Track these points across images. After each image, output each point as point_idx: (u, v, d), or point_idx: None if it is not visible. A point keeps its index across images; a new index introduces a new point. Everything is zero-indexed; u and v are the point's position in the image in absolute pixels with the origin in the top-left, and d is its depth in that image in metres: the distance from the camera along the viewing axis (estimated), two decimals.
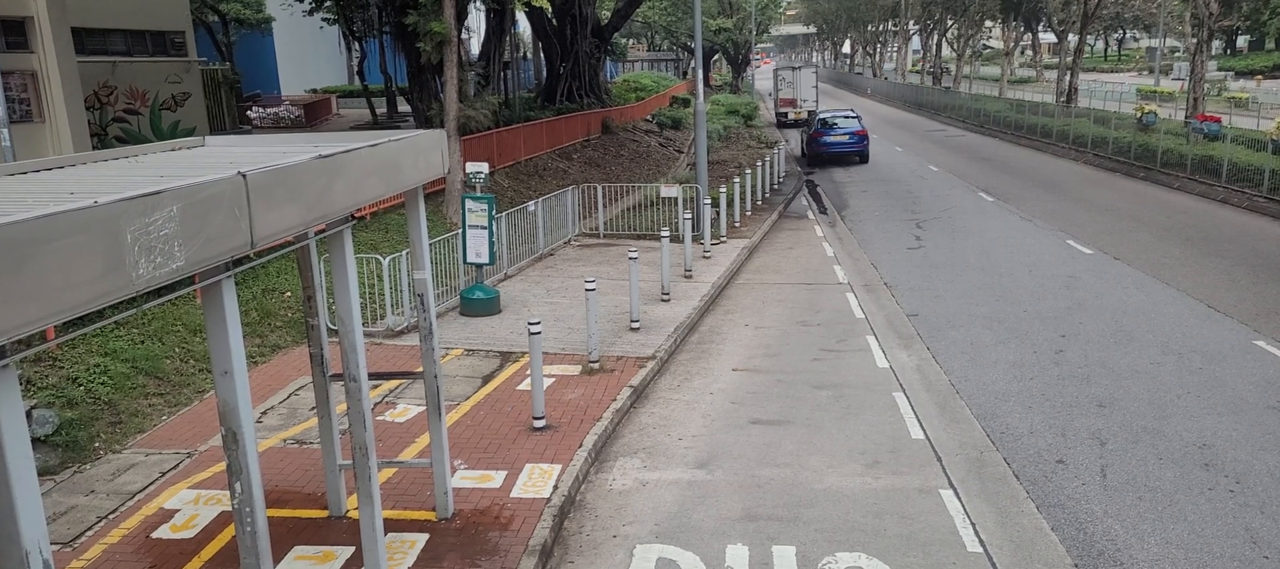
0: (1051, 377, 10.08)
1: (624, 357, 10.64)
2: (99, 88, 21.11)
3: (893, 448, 8.34)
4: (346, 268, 5.18)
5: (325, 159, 4.53)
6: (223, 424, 4.06)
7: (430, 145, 6.11)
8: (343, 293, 5.23)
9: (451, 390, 9.59)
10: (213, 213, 3.60)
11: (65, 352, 8.74)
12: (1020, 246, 17.06)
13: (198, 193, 3.48)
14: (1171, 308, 12.58)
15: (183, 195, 3.39)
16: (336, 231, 5.15)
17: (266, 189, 3.94)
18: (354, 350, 5.25)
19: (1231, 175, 21.20)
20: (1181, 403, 9.18)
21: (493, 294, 12.72)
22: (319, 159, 4.48)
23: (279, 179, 4.05)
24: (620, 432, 8.81)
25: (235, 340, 4.00)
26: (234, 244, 3.74)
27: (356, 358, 5.25)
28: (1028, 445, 8.35)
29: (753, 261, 16.62)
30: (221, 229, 3.66)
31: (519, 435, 8.38)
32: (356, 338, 5.25)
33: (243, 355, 4.09)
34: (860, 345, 11.46)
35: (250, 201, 3.80)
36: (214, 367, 4.04)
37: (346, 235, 5.19)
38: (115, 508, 6.92)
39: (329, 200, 4.64)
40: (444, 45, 15.84)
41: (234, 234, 3.73)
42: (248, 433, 4.02)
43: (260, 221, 3.89)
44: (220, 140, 6.54)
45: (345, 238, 5.18)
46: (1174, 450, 8.10)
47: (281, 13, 41.79)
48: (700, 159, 18.51)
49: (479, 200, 12.33)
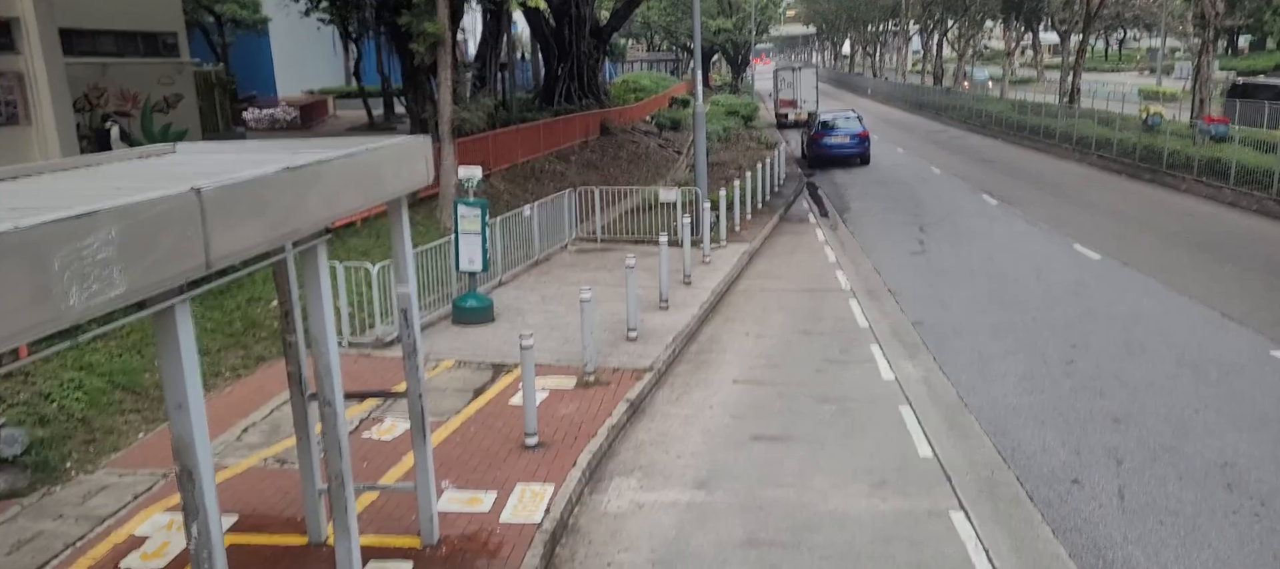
0: (1063, 390, 9.74)
1: (621, 368, 10.30)
2: (89, 89, 20.75)
3: (900, 466, 8.00)
4: (321, 285, 4.85)
5: (295, 171, 4.19)
6: (177, 461, 3.72)
7: (414, 153, 5.77)
8: (317, 311, 4.89)
9: (441, 405, 9.24)
10: (161, 233, 3.26)
11: (38, 366, 8.40)
12: (1026, 251, 16.72)
13: (142, 212, 3.14)
14: (1184, 316, 12.23)
15: (124, 215, 3.05)
16: (310, 246, 4.81)
17: (225, 204, 3.60)
18: (329, 373, 4.91)
19: (1240, 178, 20.86)
20: (1200, 418, 8.84)
21: (486, 302, 12.38)
22: (287, 171, 4.14)
23: (240, 193, 3.71)
24: (616, 449, 8.47)
25: (190, 370, 3.66)
26: (187, 266, 3.40)
27: (332, 381, 4.91)
28: (1041, 464, 8.01)
29: (753, 267, 16.27)
30: (172, 250, 3.32)
31: (510, 453, 8.04)
32: (332, 359, 4.91)
33: (199, 386, 3.75)
34: (864, 356, 11.12)
35: (205, 219, 3.47)
36: (167, 399, 3.70)
37: (321, 250, 4.85)
38: (83, 534, 6.58)
39: (300, 214, 4.30)
40: (438, 46, 15.50)
41: (187, 255, 3.39)
42: (205, 472, 3.68)
43: (218, 240, 3.55)
44: (193, 147, 6.19)
45: (320, 253, 4.84)
46: (1194, 470, 7.76)
47: (278, 13, 41.45)
48: (699, 162, 18.18)
49: (472, 205, 11.99)
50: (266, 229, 3.96)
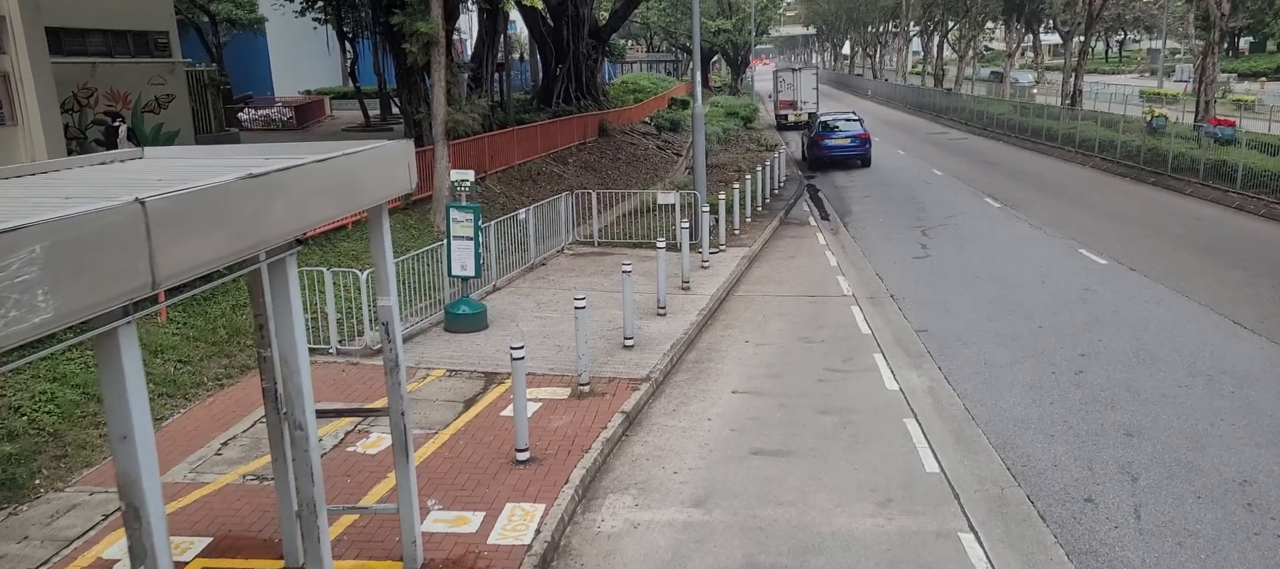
0: (1073, 401, 9.42)
1: (616, 378, 9.98)
2: (78, 90, 20.40)
3: (905, 483, 7.68)
4: (291, 300, 4.53)
5: (258, 179, 3.88)
6: (123, 498, 3.40)
7: (395, 158, 5.45)
8: (287, 329, 4.57)
9: (430, 417, 8.92)
10: (98, 249, 2.95)
11: (8, 378, 8.08)
12: (1030, 255, 16.40)
13: (74, 227, 2.83)
14: (1195, 324, 11.92)
15: (52, 231, 2.74)
16: (278, 259, 4.49)
17: (175, 217, 3.29)
18: (300, 393, 4.59)
19: (1247, 181, 20.54)
20: (1216, 432, 8.52)
21: (479, 308, 12.06)
22: (249, 179, 3.83)
23: (192, 204, 3.40)
24: (611, 464, 8.15)
25: (136, 399, 3.34)
26: (129, 285, 3.08)
27: (303, 402, 4.59)
28: (1052, 480, 7.69)
29: (753, 272, 15.96)
30: (111, 268, 3.01)
31: (500, 469, 7.72)
32: (303, 378, 4.59)
33: (147, 416, 3.43)
34: (867, 365, 10.80)
35: (150, 233, 3.15)
36: (111, 430, 3.38)
37: (290, 264, 4.54)
38: (49, 557, 6.26)
39: (265, 225, 3.98)
40: (431, 46, 15.17)
41: (128, 273, 3.08)
42: (153, 510, 3.36)
43: (166, 256, 3.23)
44: (163, 151, 5.89)
45: (289, 266, 4.52)
46: (1212, 487, 7.44)
47: (274, 13, 41.14)
48: (698, 164, 17.87)
49: (464, 210, 11.68)
50: (225, 242, 3.64)
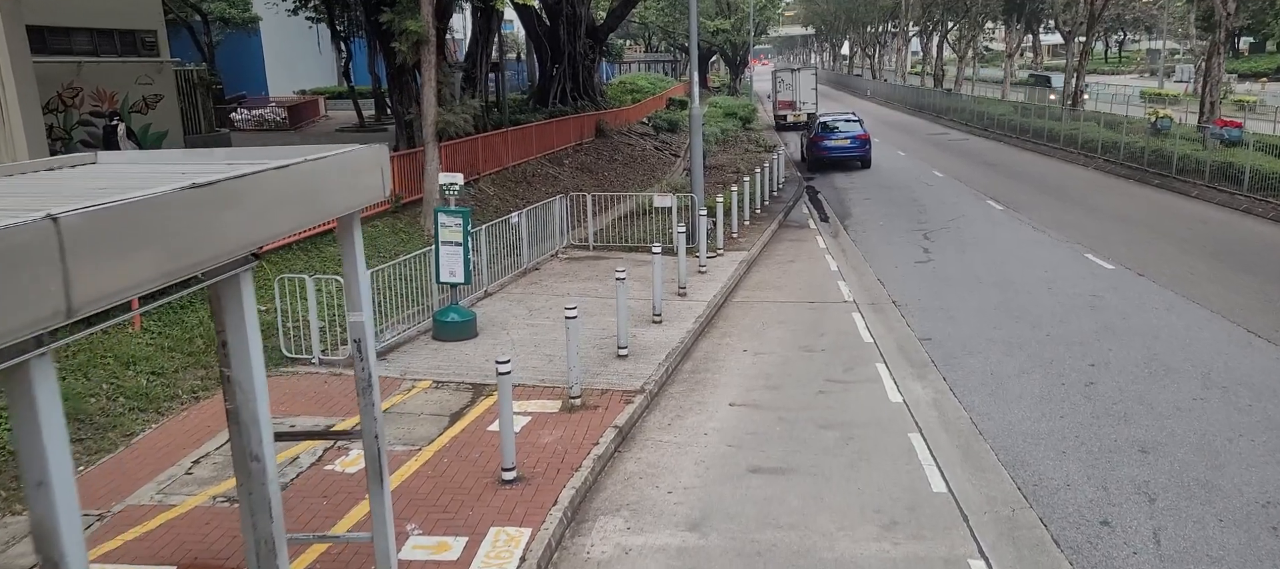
0: (1084, 415, 9.05)
1: (609, 390, 9.59)
2: (63, 89, 19.99)
3: (911, 504, 7.31)
4: (245, 319, 4.14)
5: (202, 190, 3.49)
6: (38, 552, 3.01)
7: (366, 164, 5.05)
8: (241, 353, 4.18)
9: (414, 432, 8.54)
10: (2, 273, 2.56)
11: None
12: (1035, 260, 16.04)
13: None
14: (1207, 332, 11.55)
15: None
16: (232, 276, 4.11)
17: (95, 235, 2.90)
18: (255, 423, 4.20)
19: (1254, 183, 20.18)
20: (1235, 449, 8.15)
21: (469, 316, 11.67)
22: (192, 190, 3.44)
23: (119, 220, 3.01)
24: (602, 483, 7.76)
25: (53, 440, 2.96)
26: (38, 314, 2.69)
27: (259, 432, 4.21)
28: (1066, 501, 7.31)
29: (751, 277, 15.58)
30: (18, 294, 2.62)
31: (485, 489, 7.33)
32: (259, 406, 4.21)
33: (66, 458, 3.04)
34: (870, 375, 10.43)
35: (65, 253, 2.76)
36: (24, 475, 2.99)
37: (244, 281, 4.15)
38: None
39: (212, 239, 3.59)
40: (421, 45, 14.78)
41: (39, 300, 2.68)
42: (74, 563, 2.98)
43: (85, 278, 2.84)
44: (119, 157, 5.50)
45: (242, 284, 4.13)
46: (1235, 510, 7.07)
47: (268, 12, 40.75)
48: (696, 166, 17.51)
49: (453, 214, 11.30)
50: (158, 260, 3.25)
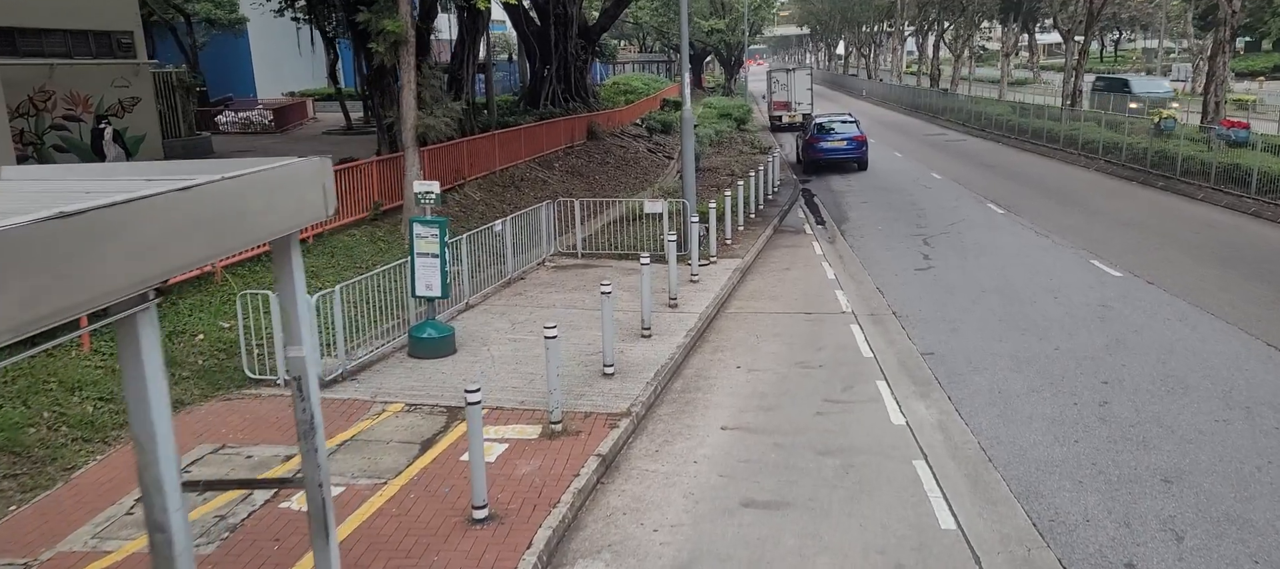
0: (1100, 439, 8.46)
1: (593, 413, 8.99)
2: (35, 92, 19.32)
3: (918, 544, 6.71)
4: (143, 370, 3.54)
5: (71, 219, 2.88)
6: None
7: (304, 179, 4.44)
8: (139, 406, 3.57)
9: (380, 462, 7.93)
10: None
11: None
12: (1040, 267, 15.46)
13: None
14: (1224, 346, 10.97)
15: None
16: (127, 316, 3.50)
17: None
18: (159, 489, 3.58)
19: (1263, 186, 19.63)
20: (1264, 477, 7.57)
21: (446, 332, 11.06)
22: (59, 220, 2.83)
23: None
24: (582, 520, 7.16)
25: None
26: None
27: (163, 501, 3.59)
28: (1085, 540, 6.72)
29: (745, 285, 14.98)
30: None
31: (454, 530, 6.73)
32: (163, 470, 3.58)
33: None
34: (870, 394, 9.84)
35: None
36: None
37: (143, 322, 3.54)
38: None
39: (88, 278, 2.98)
40: (399, 46, 14.16)
41: None
42: None
43: None
44: (26, 172, 4.88)
45: (140, 325, 3.52)
46: (1270, 549, 6.49)
47: (255, 13, 40.08)
48: (687, 171, 16.89)
49: (429, 224, 10.69)
50: (12, 307, 2.65)
